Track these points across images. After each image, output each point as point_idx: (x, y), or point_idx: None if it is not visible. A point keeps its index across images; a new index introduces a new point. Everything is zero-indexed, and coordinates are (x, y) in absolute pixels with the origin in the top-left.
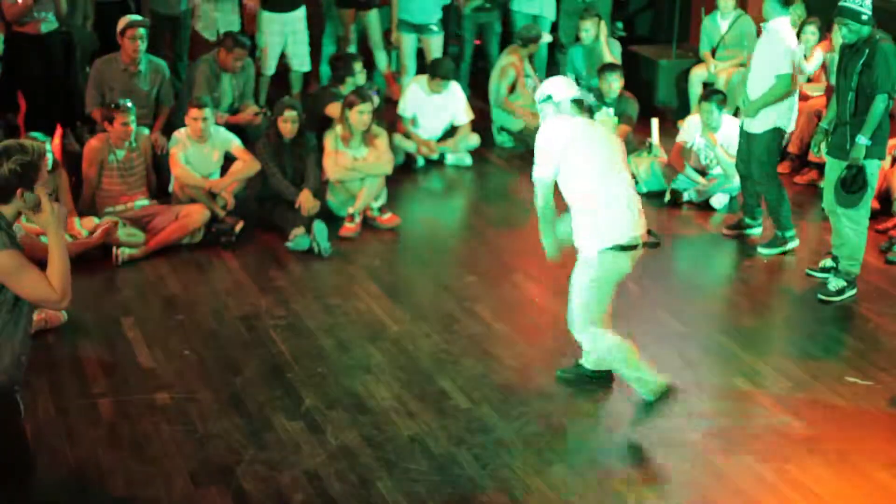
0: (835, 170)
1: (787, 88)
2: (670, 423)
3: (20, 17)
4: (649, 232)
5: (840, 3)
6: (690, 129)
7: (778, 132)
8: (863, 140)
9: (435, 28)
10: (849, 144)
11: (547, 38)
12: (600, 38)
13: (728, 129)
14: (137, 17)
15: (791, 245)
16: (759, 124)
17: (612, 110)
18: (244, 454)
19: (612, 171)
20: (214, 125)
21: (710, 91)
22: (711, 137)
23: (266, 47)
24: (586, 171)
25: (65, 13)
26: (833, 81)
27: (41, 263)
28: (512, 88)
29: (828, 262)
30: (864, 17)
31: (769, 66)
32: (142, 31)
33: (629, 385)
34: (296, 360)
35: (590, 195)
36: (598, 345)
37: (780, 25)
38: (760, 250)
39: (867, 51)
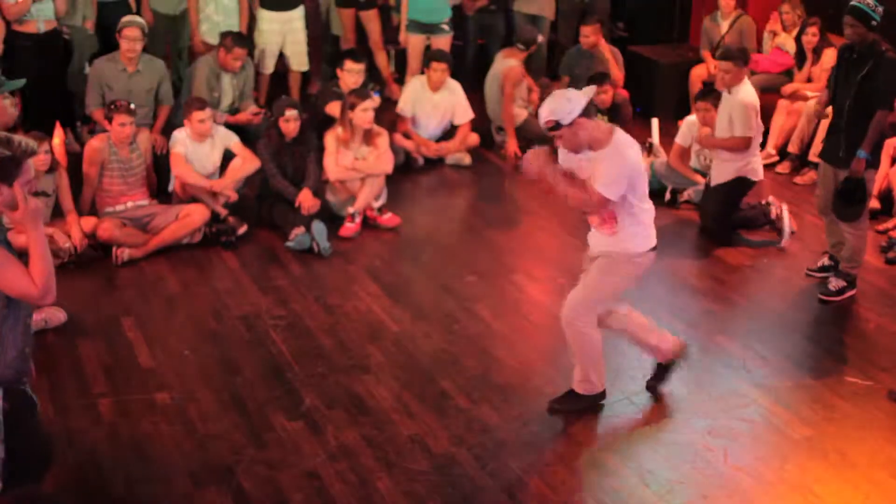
0: (827, 173)
1: None
2: (670, 423)
3: (19, 16)
4: None
5: (852, 3)
6: (689, 129)
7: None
8: (863, 154)
9: (445, 28)
10: (842, 152)
11: (541, 38)
12: (600, 44)
13: None
14: (135, 18)
15: None
16: None
17: (605, 117)
18: (244, 454)
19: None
20: (214, 124)
21: (705, 89)
22: (707, 135)
23: (264, 46)
24: (643, 179)
25: (63, 12)
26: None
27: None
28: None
29: (825, 262)
30: (873, 23)
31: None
32: (138, 31)
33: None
34: (296, 360)
35: (642, 203)
36: (592, 337)
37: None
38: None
39: (871, 61)
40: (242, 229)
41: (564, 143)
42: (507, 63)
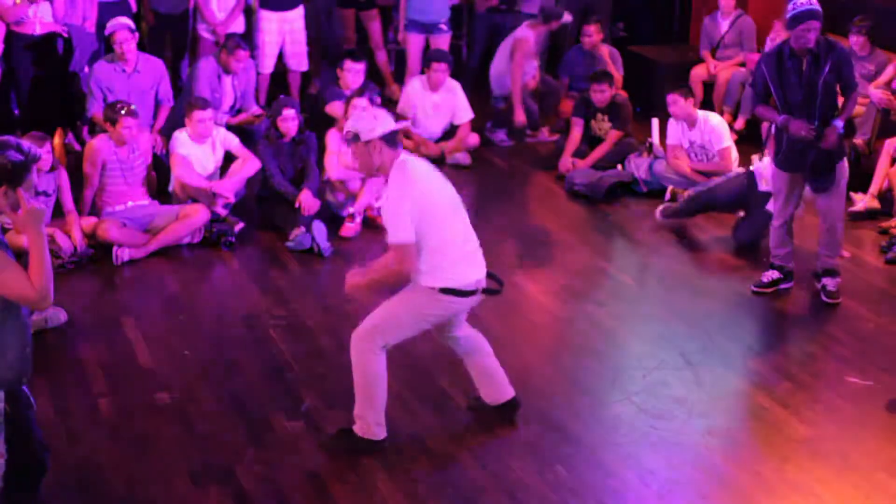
0: (795, 183)
1: None
2: (670, 423)
3: (16, 18)
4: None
5: (808, 8)
6: (676, 128)
7: None
8: (839, 123)
9: (444, 27)
10: (826, 156)
11: (567, 17)
12: (600, 44)
13: (705, 126)
14: (119, 18)
15: None
16: None
17: (605, 116)
18: (244, 454)
19: (457, 211)
20: (215, 125)
21: (674, 83)
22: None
23: (263, 45)
24: (439, 212)
25: (62, 14)
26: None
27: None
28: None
29: (775, 276)
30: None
31: None
32: (126, 31)
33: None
34: (296, 360)
35: (444, 234)
36: (371, 367)
37: None
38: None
39: (830, 58)
40: (239, 226)
41: (355, 157)
42: (521, 33)
